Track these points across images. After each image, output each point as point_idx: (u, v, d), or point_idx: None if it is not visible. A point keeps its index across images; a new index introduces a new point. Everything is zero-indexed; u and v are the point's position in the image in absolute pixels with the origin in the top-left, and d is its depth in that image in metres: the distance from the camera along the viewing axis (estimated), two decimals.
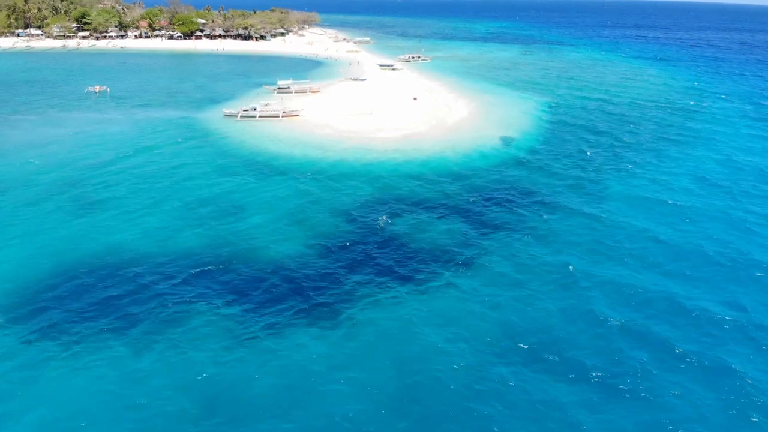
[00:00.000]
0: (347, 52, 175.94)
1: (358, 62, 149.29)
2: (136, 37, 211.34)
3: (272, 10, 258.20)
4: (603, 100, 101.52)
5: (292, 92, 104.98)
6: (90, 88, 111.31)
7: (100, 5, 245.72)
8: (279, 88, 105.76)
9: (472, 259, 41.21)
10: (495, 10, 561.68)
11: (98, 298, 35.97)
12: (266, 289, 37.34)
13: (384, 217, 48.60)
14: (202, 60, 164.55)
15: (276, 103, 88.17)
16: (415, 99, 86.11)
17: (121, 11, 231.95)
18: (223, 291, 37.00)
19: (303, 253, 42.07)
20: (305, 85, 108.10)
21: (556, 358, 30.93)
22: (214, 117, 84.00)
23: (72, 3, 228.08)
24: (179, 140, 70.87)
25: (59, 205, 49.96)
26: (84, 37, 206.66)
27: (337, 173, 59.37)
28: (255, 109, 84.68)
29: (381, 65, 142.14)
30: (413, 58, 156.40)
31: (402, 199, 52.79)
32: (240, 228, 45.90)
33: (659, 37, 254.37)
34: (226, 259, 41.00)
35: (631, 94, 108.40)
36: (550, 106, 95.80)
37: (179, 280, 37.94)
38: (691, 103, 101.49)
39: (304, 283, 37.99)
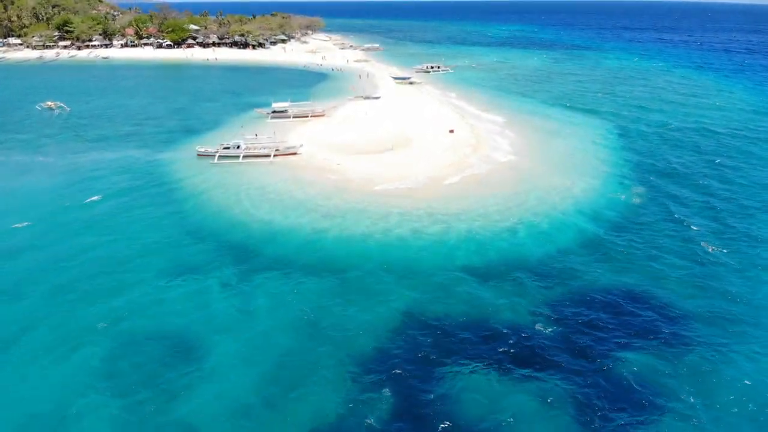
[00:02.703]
0: (355, 61, 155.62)
1: (368, 74, 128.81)
2: (122, 46, 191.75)
3: (273, 15, 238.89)
4: (674, 127, 79.59)
5: (290, 117, 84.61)
6: (42, 104, 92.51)
7: (94, 11, 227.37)
8: (274, 113, 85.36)
9: None
10: (500, 13, 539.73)
11: None
12: None
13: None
14: (189, 72, 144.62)
15: (267, 137, 67.53)
16: (451, 132, 64.90)
17: (111, 18, 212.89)
18: None
19: None
20: (306, 107, 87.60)
21: None
22: (183, 158, 63.56)
23: (64, 9, 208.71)
24: (125, 202, 50.38)
25: None
26: (65, 47, 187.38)
27: (348, 264, 38.71)
28: (239, 147, 64.07)
29: (396, 78, 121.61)
30: (432, 68, 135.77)
31: (445, 325, 32.39)
32: (185, 419, 25.31)
33: (688, 41, 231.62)
34: None
35: (701, 116, 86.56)
36: (614, 136, 74.48)
37: None
38: None
39: None
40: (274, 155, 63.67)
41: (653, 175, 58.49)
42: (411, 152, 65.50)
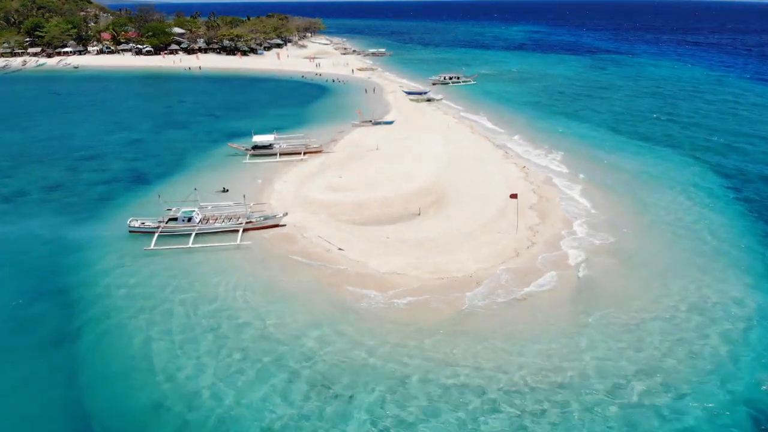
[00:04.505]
0: (359, 70, 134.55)
1: (374, 88, 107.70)
2: (97, 52, 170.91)
3: (269, 16, 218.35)
4: None
5: (276, 155, 63.84)
6: None
7: (82, 12, 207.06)
8: (254, 149, 64.47)
9: None
10: (504, 13, 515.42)
11: None
12: None
13: None
14: (166, 85, 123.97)
15: (234, 203, 46.58)
16: (513, 197, 43.02)
17: (94, 20, 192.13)
18: None
19: None
20: (298, 140, 66.72)
21: None
22: (109, 236, 42.59)
23: (50, 11, 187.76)
24: None
25: None
26: (35, 54, 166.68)
27: None
28: (190, 219, 43.12)
29: (410, 93, 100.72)
30: (450, 79, 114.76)
31: None
32: None
33: (719, 44, 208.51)
34: None
35: None
36: (722, 198, 49.90)
37: None
38: None
39: None
40: (245, 229, 42.84)
41: None
42: (445, 222, 44.65)
